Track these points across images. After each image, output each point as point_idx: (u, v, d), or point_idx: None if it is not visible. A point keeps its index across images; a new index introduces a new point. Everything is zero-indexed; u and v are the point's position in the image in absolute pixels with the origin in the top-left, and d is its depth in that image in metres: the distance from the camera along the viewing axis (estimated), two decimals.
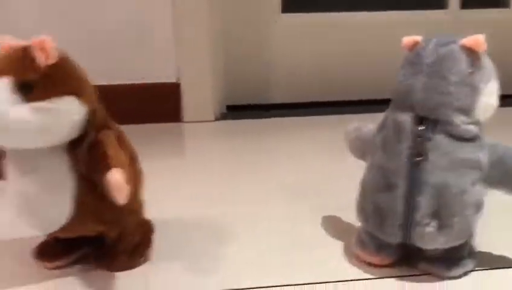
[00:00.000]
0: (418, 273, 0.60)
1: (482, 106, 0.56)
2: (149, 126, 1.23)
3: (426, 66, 0.56)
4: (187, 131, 1.24)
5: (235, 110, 1.37)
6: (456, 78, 0.55)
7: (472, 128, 0.57)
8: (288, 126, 1.23)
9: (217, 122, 1.29)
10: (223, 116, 1.33)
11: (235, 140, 1.15)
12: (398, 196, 0.57)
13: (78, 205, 0.55)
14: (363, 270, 0.62)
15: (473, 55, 0.56)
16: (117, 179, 0.51)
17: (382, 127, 0.61)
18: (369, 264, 0.62)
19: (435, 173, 0.56)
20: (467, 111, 0.56)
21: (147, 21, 1.23)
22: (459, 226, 0.57)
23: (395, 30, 0.81)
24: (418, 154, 0.56)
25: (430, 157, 0.56)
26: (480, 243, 0.63)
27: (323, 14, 1.41)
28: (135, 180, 0.59)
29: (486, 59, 0.57)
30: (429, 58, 0.56)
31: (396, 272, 0.61)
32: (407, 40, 0.59)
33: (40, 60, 0.51)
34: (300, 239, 0.69)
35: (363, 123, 0.67)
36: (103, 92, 0.58)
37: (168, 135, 1.19)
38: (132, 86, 1.25)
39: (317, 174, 0.93)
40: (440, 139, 0.56)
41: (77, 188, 0.55)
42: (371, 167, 0.62)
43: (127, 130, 0.61)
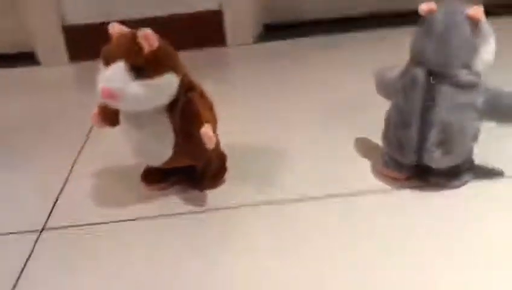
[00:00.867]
0: (427, 185, 0.81)
1: (480, 62, 0.73)
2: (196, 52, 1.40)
3: (436, 33, 0.72)
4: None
5: (271, 30, 1.51)
6: (459, 42, 0.71)
7: (472, 78, 0.73)
8: (323, 45, 1.37)
9: (256, 44, 1.44)
10: (261, 38, 1.48)
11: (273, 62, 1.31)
12: (413, 131, 0.76)
13: (175, 148, 0.75)
14: (386, 182, 0.82)
15: (474, 23, 0.71)
16: (208, 132, 0.70)
17: (403, 75, 0.78)
18: (391, 178, 0.82)
19: (441, 114, 0.74)
20: (469, 66, 0.73)
21: None
22: (459, 152, 0.76)
23: None
24: (429, 99, 0.74)
25: (438, 102, 0.74)
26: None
27: None
28: (215, 124, 0.79)
29: (485, 25, 0.72)
30: (439, 27, 0.72)
31: (411, 184, 0.81)
32: (424, 6, 0.74)
33: (145, 48, 0.69)
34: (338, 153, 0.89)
35: (388, 67, 0.84)
36: (159, 22, 0.72)
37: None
38: (182, 15, 1.41)
39: (352, 93, 1.09)
40: (446, 88, 0.73)
41: (174, 136, 0.75)
42: (393, 107, 0.80)
43: (181, 56, 0.74)
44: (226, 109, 0.81)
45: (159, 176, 0.83)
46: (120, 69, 0.69)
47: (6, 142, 1.03)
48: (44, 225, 0.78)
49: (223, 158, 0.85)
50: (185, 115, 0.73)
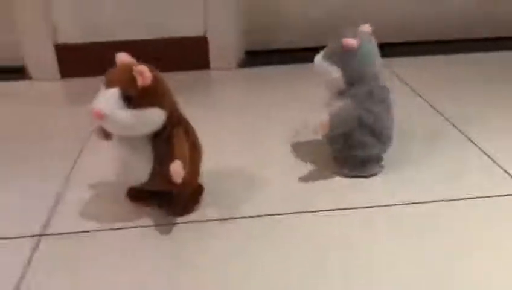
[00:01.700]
0: None
1: None
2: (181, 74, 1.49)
3: None
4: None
5: (252, 55, 1.62)
6: None
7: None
8: (301, 71, 1.44)
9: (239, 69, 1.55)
10: (243, 63, 1.58)
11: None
12: None
13: (152, 172, 0.83)
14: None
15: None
16: (176, 168, 0.77)
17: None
18: None
19: None
20: None
21: None
22: None
23: None
24: None
25: None
26: None
27: None
28: (195, 160, 0.86)
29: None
30: None
31: None
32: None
33: (139, 81, 0.77)
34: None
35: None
36: (147, 44, 0.78)
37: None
38: (167, 39, 1.51)
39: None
40: None
41: (154, 161, 0.82)
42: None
43: (165, 77, 0.80)
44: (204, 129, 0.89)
45: (142, 194, 0.91)
46: (113, 95, 0.77)
47: (1, 152, 1.10)
48: (42, 231, 0.84)
49: (198, 190, 0.92)
50: (164, 147, 0.81)
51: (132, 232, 0.84)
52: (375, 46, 0.94)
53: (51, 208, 0.90)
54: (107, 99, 0.78)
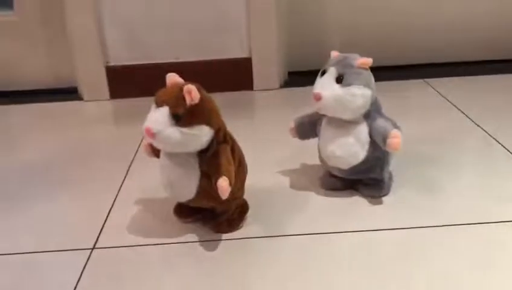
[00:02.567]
0: None
1: None
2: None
3: None
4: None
5: (296, 76, 1.64)
6: None
7: None
8: None
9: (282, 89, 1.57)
10: (286, 83, 1.61)
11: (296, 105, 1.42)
12: None
13: (199, 189, 0.85)
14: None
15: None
16: (222, 184, 0.79)
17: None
18: None
19: None
20: None
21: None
22: None
23: None
24: None
25: None
26: None
27: None
28: (241, 177, 0.88)
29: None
30: None
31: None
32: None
33: (187, 100, 0.80)
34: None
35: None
36: (194, 66, 0.80)
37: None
38: (213, 60, 1.55)
39: None
40: None
41: (200, 178, 0.84)
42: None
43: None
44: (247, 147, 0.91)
45: (188, 211, 0.93)
46: (163, 114, 0.80)
47: (56, 173, 1.15)
48: (94, 244, 0.88)
49: (243, 208, 0.93)
50: (211, 164, 0.83)
51: (177, 247, 0.86)
52: None
53: (102, 224, 0.94)
54: (157, 118, 0.80)
